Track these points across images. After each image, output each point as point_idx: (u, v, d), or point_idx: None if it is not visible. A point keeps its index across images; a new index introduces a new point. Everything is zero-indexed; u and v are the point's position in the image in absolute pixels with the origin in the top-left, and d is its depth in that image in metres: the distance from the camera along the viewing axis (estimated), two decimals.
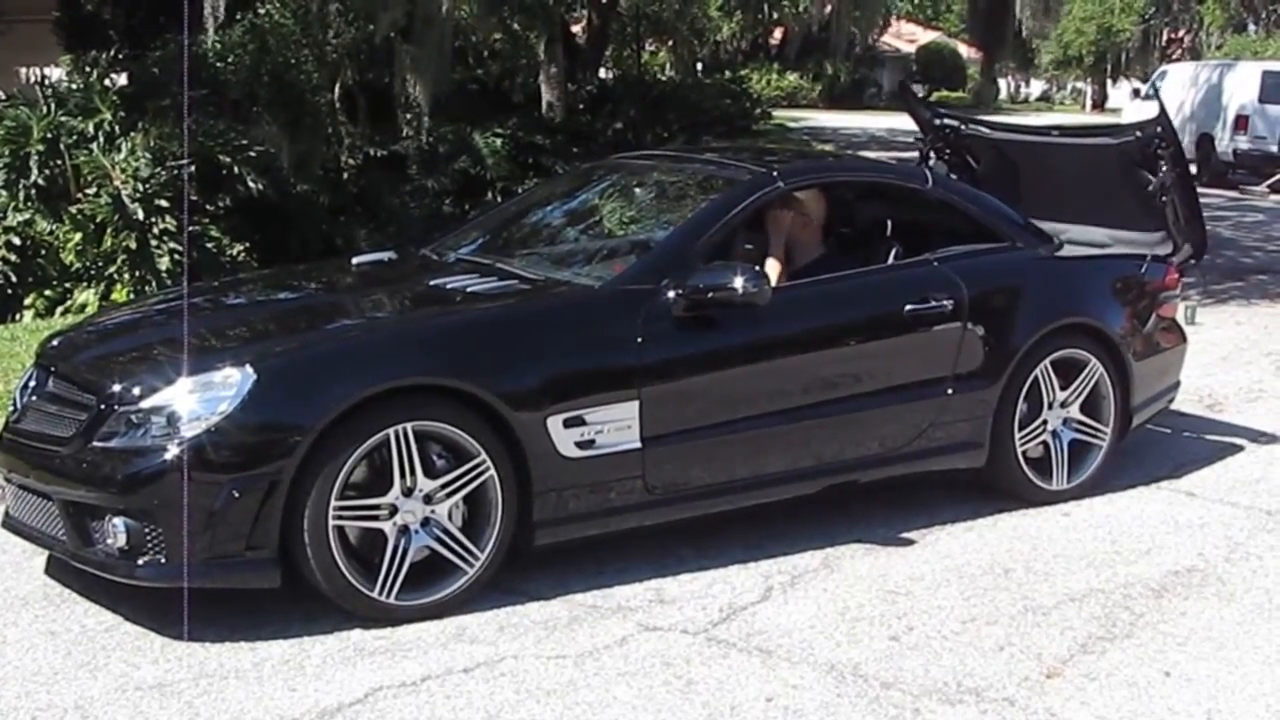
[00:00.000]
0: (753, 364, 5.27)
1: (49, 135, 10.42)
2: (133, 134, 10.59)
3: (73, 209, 10.15)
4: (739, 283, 5.04)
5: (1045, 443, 5.99)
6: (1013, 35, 18.66)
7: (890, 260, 5.82)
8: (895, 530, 5.56)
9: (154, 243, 9.85)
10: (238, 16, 13.17)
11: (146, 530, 4.38)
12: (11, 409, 5.08)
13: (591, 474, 4.89)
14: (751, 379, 5.26)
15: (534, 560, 4.94)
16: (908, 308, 5.60)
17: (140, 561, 4.42)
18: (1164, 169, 6.31)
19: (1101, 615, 4.78)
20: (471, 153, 15.88)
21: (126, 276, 9.78)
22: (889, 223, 6.17)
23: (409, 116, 14.88)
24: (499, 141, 16.32)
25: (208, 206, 10.85)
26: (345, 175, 14.27)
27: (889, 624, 4.68)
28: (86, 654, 4.33)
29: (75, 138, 10.58)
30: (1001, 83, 58.16)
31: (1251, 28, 42.15)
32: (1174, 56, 42.93)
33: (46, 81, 12.47)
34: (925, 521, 5.68)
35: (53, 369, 4.98)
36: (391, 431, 4.52)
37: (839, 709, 4.04)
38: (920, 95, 9.63)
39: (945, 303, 5.67)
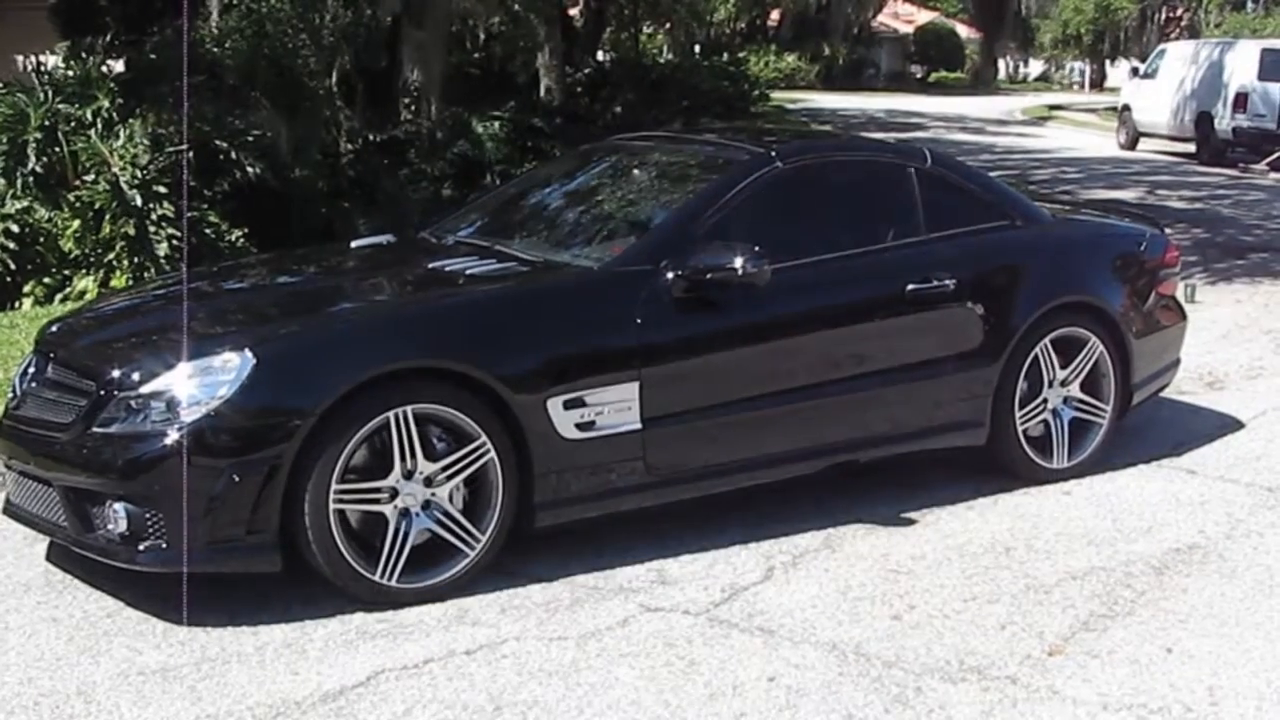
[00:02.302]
0: (753, 344, 5.26)
1: (46, 122, 10.38)
2: (130, 120, 10.55)
3: (71, 196, 10.11)
4: (738, 263, 5.03)
5: (1045, 421, 5.99)
6: (1013, 14, 18.61)
7: (890, 240, 5.81)
8: (896, 509, 5.56)
9: (152, 229, 9.82)
10: (235, 2, 13.14)
11: (147, 515, 4.38)
12: (11, 396, 5.07)
13: (592, 455, 4.88)
14: (751, 359, 5.25)
15: (535, 542, 4.95)
16: (908, 287, 5.59)
17: (141, 547, 4.42)
18: None
19: (1103, 593, 4.78)
20: (470, 137, 15.85)
21: (125, 263, 9.75)
22: (889, 202, 6.15)
23: (408, 100, 14.86)
24: (497, 125, 16.28)
25: (206, 192, 10.81)
26: (344, 160, 14.22)
27: (891, 603, 4.68)
28: (88, 639, 4.34)
29: (73, 125, 10.53)
30: (1000, 63, 57.97)
31: (1250, 5, 42.03)
32: (1172, 35, 42.78)
33: (43, 68, 12.42)
34: (926, 500, 5.68)
35: (52, 355, 4.97)
36: (391, 414, 4.51)
37: (841, 688, 4.05)
38: (918, 76, 9.65)
39: (946, 282, 5.66)
